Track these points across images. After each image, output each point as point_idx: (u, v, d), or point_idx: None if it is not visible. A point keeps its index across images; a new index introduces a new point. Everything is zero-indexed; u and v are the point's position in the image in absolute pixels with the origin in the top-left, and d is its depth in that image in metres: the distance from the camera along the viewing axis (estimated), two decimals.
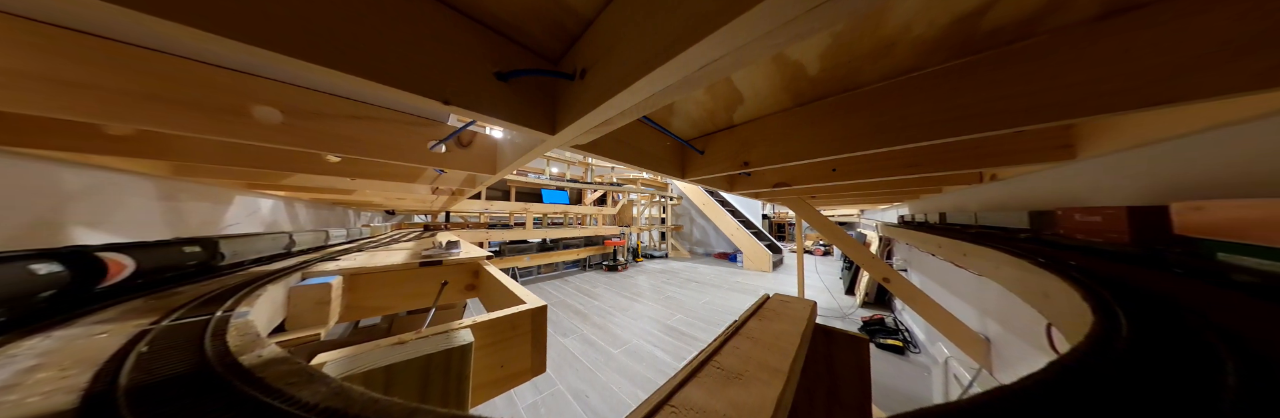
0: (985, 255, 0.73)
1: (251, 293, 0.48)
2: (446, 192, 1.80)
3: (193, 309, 0.38)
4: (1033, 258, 0.56)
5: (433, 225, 3.55)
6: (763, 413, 0.46)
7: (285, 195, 1.76)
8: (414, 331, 0.41)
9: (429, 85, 0.37)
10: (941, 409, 0.16)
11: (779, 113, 0.79)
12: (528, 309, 0.54)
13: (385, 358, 0.34)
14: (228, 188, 1.36)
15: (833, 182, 1.15)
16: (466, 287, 1.07)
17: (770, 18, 0.22)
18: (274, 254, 0.99)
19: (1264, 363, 0.17)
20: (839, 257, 6.10)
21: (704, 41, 0.26)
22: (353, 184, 1.38)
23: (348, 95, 0.67)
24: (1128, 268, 0.41)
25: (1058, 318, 0.44)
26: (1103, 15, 0.41)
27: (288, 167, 0.97)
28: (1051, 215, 0.62)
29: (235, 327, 0.31)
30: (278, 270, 0.72)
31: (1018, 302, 1.03)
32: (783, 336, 0.76)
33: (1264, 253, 0.27)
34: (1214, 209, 0.32)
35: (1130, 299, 0.29)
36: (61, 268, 0.39)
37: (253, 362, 0.23)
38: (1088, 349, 0.22)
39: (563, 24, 0.43)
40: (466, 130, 0.83)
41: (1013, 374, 1.05)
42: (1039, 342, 0.92)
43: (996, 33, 0.46)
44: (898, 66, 0.56)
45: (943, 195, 1.71)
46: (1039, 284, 0.51)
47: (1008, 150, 0.84)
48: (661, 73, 0.31)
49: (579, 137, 0.52)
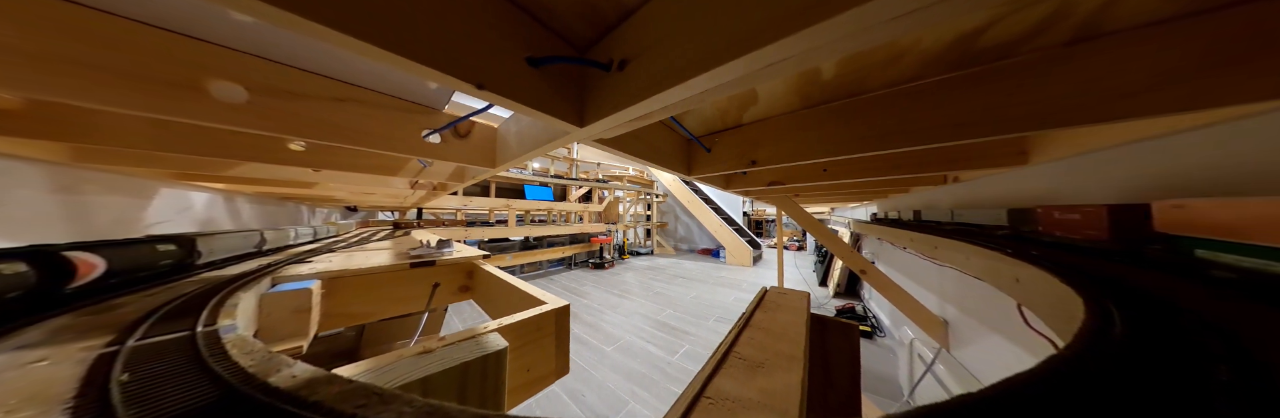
0: (957, 248, 0.83)
1: (223, 302, 0.41)
2: (427, 186, 1.66)
3: (157, 326, 0.32)
4: (1002, 249, 0.64)
5: (403, 223, 3.26)
6: (791, 398, 0.49)
7: (225, 188, 1.51)
8: (435, 338, 0.37)
9: (464, 66, 0.33)
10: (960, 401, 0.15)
11: (786, 114, 0.82)
12: (551, 310, 0.52)
13: (418, 370, 0.31)
14: (150, 179, 1.13)
15: (822, 181, 1.22)
16: (460, 288, 1.01)
17: (866, 17, 0.23)
18: (243, 254, 0.85)
19: (1235, 337, 0.22)
20: (811, 252, 6.56)
21: (786, 40, 0.25)
22: (316, 176, 1.22)
23: (332, 74, 0.59)
24: (1104, 263, 0.43)
25: (1028, 299, 0.52)
26: (1071, 41, 0.48)
27: (238, 154, 0.83)
28: (1030, 213, 0.67)
29: (232, 344, 0.26)
30: (241, 275, 0.62)
31: (972, 288, 1.19)
32: (789, 325, 0.81)
33: (1240, 249, 0.30)
34: (1194, 208, 0.35)
35: (1106, 286, 0.34)
36: (26, 268, 0.34)
37: (292, 384, 0.19)
38: (1087, 332, 0.25)
39: (601, 11, 0.40)
40: (466, 120, 0.77)
41: (966, 350, 1.22)
42: (989, 321, 1.07)
43: (988, 51, 0.51)
44: (901, 76, 0.61)
45: (909, 195, 1.90)
46: (1010, 272, 0.58)
47: (974, 156, 0.95)
48: (726, 69, 0.30)
49: (610, 130, 0.50)
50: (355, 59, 0.57)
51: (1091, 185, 0.69)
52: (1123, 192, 0.59)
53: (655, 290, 3.75)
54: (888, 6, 0.21)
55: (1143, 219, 0.40)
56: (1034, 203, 0.67)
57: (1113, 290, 0.32)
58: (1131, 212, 0.42)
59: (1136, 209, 0.41)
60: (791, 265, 5.18)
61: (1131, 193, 0.57)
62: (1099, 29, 0.44)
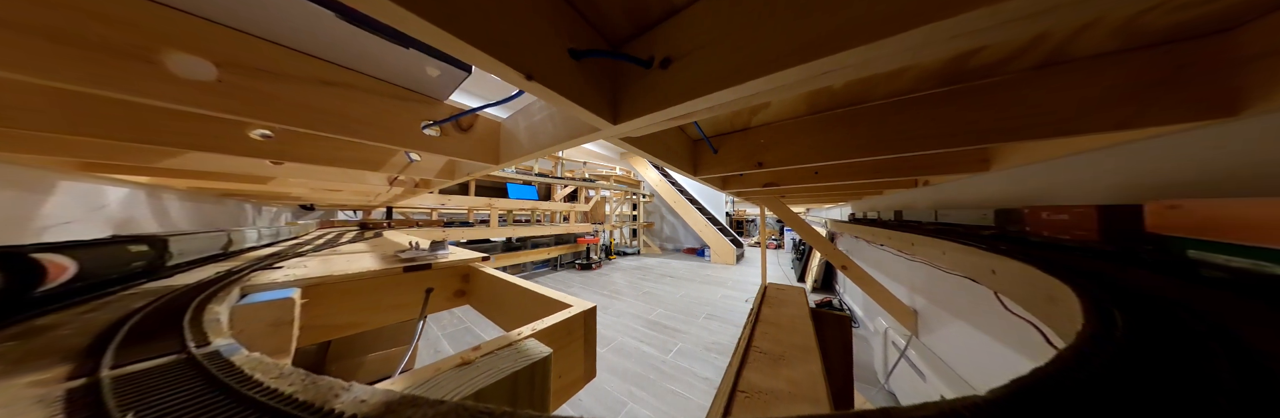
0: (934, 244, 0.92)
1: (201, 317, 0.34)
2: (408, 183, 1.52)
3: (127, 350, 0.26)
4: (979, 245, 0.73)
5: (372, 223, 2.96)
6: (818, 386, 0.51)
7: (149, 182, 1.26)
8: (471, 348, 0.35)
9: (515, 54, 0.31)
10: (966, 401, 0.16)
11: (792, 119, 0.86)
12: (579, 312, 0.50)
13: (468, 384, 0.28)
14: (48, 169, 0.92)
15: (812, 184, 1.30)
16: (455, 293, 0.94)
17: (932, 35, 0.24)
18: (196, 261, 0.73)
19: (1209, 317, 0.26)
20: (789, 249, 6.95)
21: (852, 50, 0.27)
22: (274, 170, 1.07)
23: (320, 54, 0.52)
24: (1092, 260, 0.45)
25: (1004, 288, 0.59)
26: (1040, 65, 0.55)
27: (175, 141, 0.68)
28: (1017, 213, 0.70)
29: (250, 366, 0.22)
30: (201, 285, 0.52)
31: (939, 280, 1.33)
32: (796, 319, 0.85)
33: (1232, 250, 0.29)
34: (1190, 208, 0.34)
35: (1085, 274, 0.39)
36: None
37: (370, 410, 0.17)
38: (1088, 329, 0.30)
39: (646, 7, 0.40)
40: (471, 114, 0.71)
41: (934, 336, 1.36)
42: (955, 309, 1.21)
43: (975, 70, 0.58)
44: (902, 88, 0.66)
45: (882, 197, 2.09)
46: (986, 264, 0.66)
47: (944, 162, 1.06)
48: (785, 74, 0.31)
49: (641, 129, 0.50)
50: (348, 39, 0.51)
51: (1059, 188, 0.80)
52: (1088, 197, 0.69)
53: (644, 290, 3.76)
54: (963, 23, 0.23)
55: (1134, 220, 0.41)
56: (1019, 204, 0.74)
57: (1087, 276, 0.36)
58: (1123, 212, 0.44)
59: (1128, 210, 0.43)
60: (773, 263, 5.45)
61: (1093, 197, 0.67)
62: (1063, 56, 0.51)
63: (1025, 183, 0.85)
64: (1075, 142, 0.73)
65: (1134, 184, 0.60)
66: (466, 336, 2.52)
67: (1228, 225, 0.31)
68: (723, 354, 2.12)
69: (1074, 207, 0.52)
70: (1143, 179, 0.59)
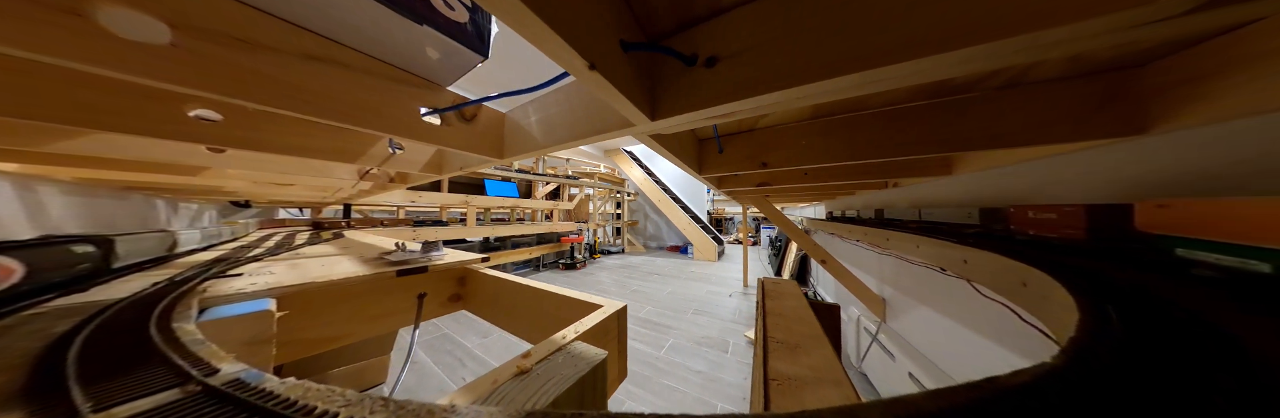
0: (907, 239, 1.04)
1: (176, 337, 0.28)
2: (382, 177, 1.36)
3: (97, 388, 0.20)
4: (949, 238, 0.83)
5: (328, 223, 2.62)
6: (835, 369, 0.55)
7: (17, 170, 0.98)
8: (521, 356, 0.33)
9: (583, 39, 0.29)
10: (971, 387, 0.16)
11: (795, 122, 0.91)
12: (613, 313, 0.49)
13: (541, 394, 0.26)
14: None
15: (800, 184, 1.40)
16: (451, 298, 0.87)
17: (979, 56, 0.27)
18: (126, 267, 0.60)
19: None
20: (766, 246, 7.36)
21: (907, 63, 0.29)
22: (212, 159, 0.89)
23: (305, 24, 0.44)
24: (1077, 258, 0.45)
25: (976, 275, 0.68)
26: (1006, 86, 0.65)
27: (82, 120, 0.51)
28: (1002, 212, 0.70)
29: (298, 394, 0.18)
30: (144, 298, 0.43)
31: (906, 271, 1.50)
32: (798, 309, 0.91)
33: (1221, 248, 0.29)
34: (1179, 207, 0.34)
35: (1054, 263, 0.47)
36: None
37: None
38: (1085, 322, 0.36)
39: (691, 5, 0.39)
40: (476, 104, 0.65)
41: (901, 321, 1.54)
42: (920, 297, 1.38)
43: (959, 87, 0.66)
44: (895, 98, 0.74)
45: (854, 197, 2.29)
46: (958, 255, 0.76)
47: (914, 165, 1.20)
48: (838, 81, 0.32)
49: (677, 126, 0.49)
50: (348, 8, 0.43)
51: (1017, 190, 0.93)
52: (1037, 198, 0.82)
53: (632, 288, 3.77)
54: (1013, 44, 0.26)
55: (1124, 218, 0.41)
56: (993, 203, 0.83)
57: (1056, 263, 0.43)
58: (1112, 211, 0.44)
59: (1118, 209, 0.43)
60: (754, 259, 5.74)
61: (1044, 198, 0.80)
62: (1023, 79, 0.61)
63: (997, 184, 0.98)
64: (1023, 151, 0.87)
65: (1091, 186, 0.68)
66: (446, 343, 2.34)
67: (1216, 224, 0.31)
68: (712, 348, 2.20)
69: (1062, 205, 0.55)
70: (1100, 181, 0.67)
